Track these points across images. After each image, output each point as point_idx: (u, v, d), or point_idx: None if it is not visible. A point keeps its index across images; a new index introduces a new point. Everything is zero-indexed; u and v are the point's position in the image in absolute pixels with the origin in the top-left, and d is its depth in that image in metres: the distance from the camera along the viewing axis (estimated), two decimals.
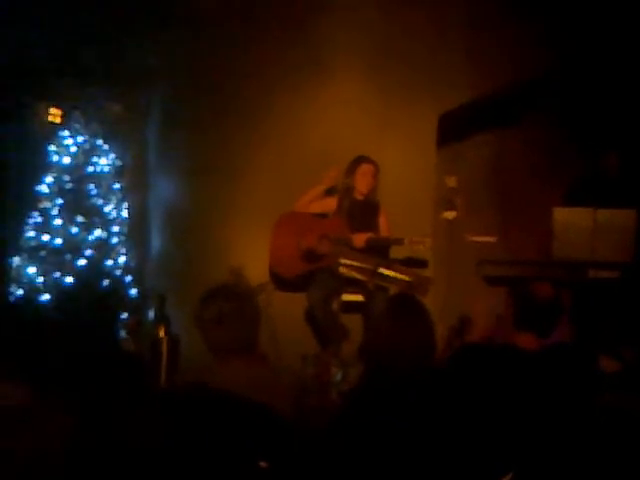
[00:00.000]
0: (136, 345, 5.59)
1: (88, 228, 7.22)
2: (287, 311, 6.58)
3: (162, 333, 5.54)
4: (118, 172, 7.63)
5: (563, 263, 5.64)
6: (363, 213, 6.42)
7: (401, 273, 5.74)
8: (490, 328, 5.50)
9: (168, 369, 5.30)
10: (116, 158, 7.63)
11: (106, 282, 6.89)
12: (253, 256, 6.75)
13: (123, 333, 6.08)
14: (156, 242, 7.54)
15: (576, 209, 5.88)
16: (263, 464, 2.83)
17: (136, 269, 7.44)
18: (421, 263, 6.35)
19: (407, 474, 3.01)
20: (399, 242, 6.14)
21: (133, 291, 7.20)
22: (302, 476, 2.96)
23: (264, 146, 7.02)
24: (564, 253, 5.67)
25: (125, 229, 7.49)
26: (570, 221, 5.75)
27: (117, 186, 7.51)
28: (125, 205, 7.53)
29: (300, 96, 7.05)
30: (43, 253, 7.11)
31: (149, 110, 7.79)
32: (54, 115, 7.77)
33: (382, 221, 6.44)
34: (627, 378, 4.25)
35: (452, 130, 7.10)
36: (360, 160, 6.41)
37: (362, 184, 6.38)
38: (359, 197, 6.43)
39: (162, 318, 5.80)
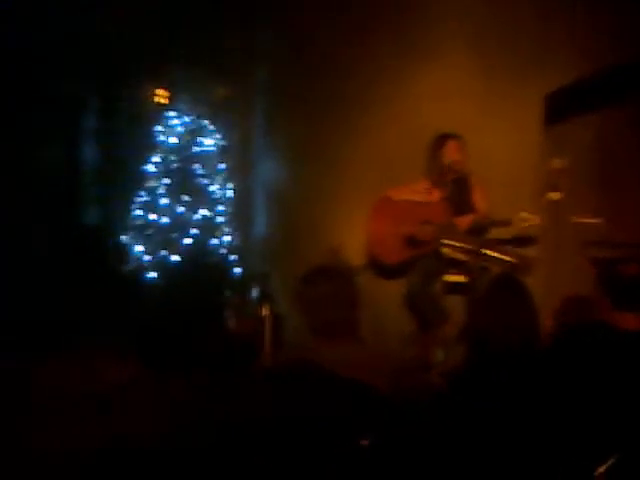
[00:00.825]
0: (240, 323, 5.65)
1: (194, 207, 7.34)
2: (388, 295, 6.60)
3: (266, 311, 5.58)
4: (223, 153, 7.73)
5: None
6: (459, 191, 6.34)
7: (504, 254, 5.68)
8: (593, 310, 5.42)
9: (272, 347, 5.35)
10: (221, 139, 7.72)
11: (211, 261, 7.00)
12: (353, 239, 6.77)
13: (228, 311, 6.16)
14: (260, 222, 7.64)
15: None
16: (364, 442, 2.84)
17: (240, 248, 7.53)
18: (528, 241, 6.27)
19: (508, 456, 3.00)
20: (507, 223, 6.08)
21: (237, 270, 7.30)
22: (403, 456, 2.97)
23: (367, 133, 7.03)
24: None
25: (230, 209, 7.59)
26: None
27: (222, 166, 7.61)
28: (230, 185, 7.63)
29: (402, 85, 7.03)
30: (150, 232, 7.26)
31: (255, 93, 7.87)
32: (161, 97, 7.90)
33: (478, 196, 6.37)
34: None
35: (557, 111, 6.98)
36: (446, 137, 6.35)
37: (454, 161, 6.31)
38: (452, 175, 6.35)
39: (266, 296, 5.86)
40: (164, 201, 7.29)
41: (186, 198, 7.33)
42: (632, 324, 3.63)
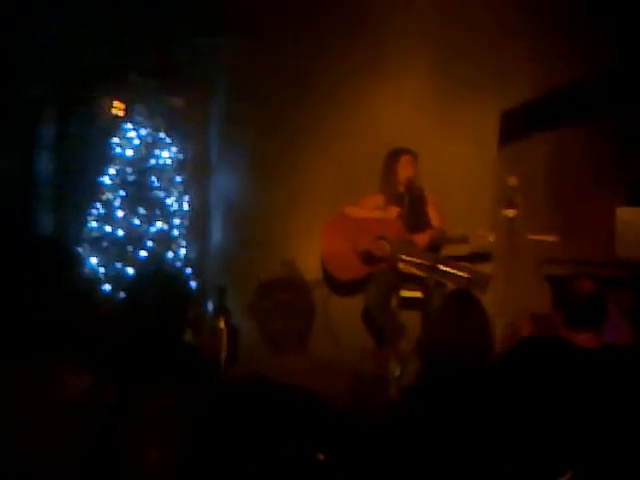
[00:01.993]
0: (196, 337, 5.62)
1: (150, 220, 7.29)
2: (344, 309, 6.61)
3: (222, 324, 5.56)
4: (180, 165, 7.69)
5: (626, 263, 5.57)
6: (413, 207, 6.34)
7: (460, 270, 5.70)
8: (548, 327, 5.45)
9: (227, 360, 5.33)
10: (178, 151, 7.68)
11: (167, 274, 6.95)
12: (309, 252, 6.77)
13: (184, 324, 6.10)
14: (216, 235, 7.60)
15: (638, 209, 5.80)
16: (321, 456, 2.82)
17: (196, 261, 7.50)
18: (484, 258, 6.31)
19: (464, 470, 3.00)
20: (462, 240, 6.11)
21: (193, 283, 7.25)
22: (359, 469, 2.96)
23: (326, 145, 7.04)
24: (627, 253, 5.60)
25: (186, 222, 7.55)
26: (633, 221, 5.67)
27: (179, 179, 7.57)
28: (186, 198, 7.59)
29: (362, 96, 7.06)
30: (105, 244, 7.20)
31: (211, 104, 7.84)
32: (117, 108, 7.85)
33: (433, 212, 6.40)
34: None
35: (513, 128, 7.04)
36: (400, 152, 6.37)
37: (408, 176, 6.33)
38: (405, 190, 6.35)
39: (222, 310, 5.83)
40: (120, 213, 7.23)
41: (142, 211, 7.27)
42: (586, 343, 3.65)
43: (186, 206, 7.58)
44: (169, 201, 7.44)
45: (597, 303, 3.74)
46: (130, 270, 7.02)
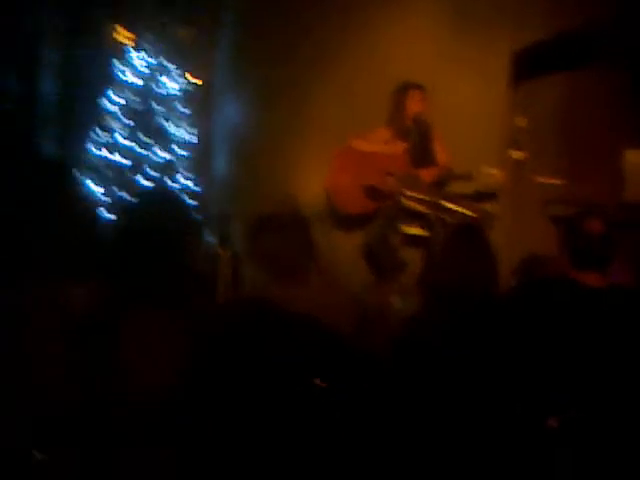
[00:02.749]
0: (200, 262, 5.60)
1: (153, 149, 7.25)
2: (346, 244, 6.58)
3: (225, 252, 5.54)
4: (186, 95, 7.63)
5: (634, 206, 5.52)
6: (421, 142, 6.24)
7: (466, 207, 5.67)
8: (554, 267, 5.43)
9: (231, 286, 5.32)
10: (184, 82, 7.62)
11: (171, 202, 6.93)
12: (314, 185, 6.72)
13: (187, 250, 6.09)
14: (221, 166, 7.54)
15: None
16: (319, 382, 2.81)
17: (200, 192, 7.47)
18: (489, 196, 6.26)
19: (464, 405, 3.00)
20: (468, 177, 6.06)
21: (197, 211, 7.23)
22: (359, 399, 2.95)
23: (334, 77, 6.95)
24: (635, 196, 5.55)
25: (191, 153, 7.51)
26: None
27: (184, 109, 7.52)
28: (191, 128, 7.54)
29: (372, 30, 6.95)
30: (109, 172, 7.16)
31: (218, 35, 7.75)
32: (126, 36, 7.77)
33: (440, 148, 6.33)
34: None
35: (525, 69, 6.96)
36: (408, 86, 6.30)
37: (417, 110, 6.25)
38: (413, 125, 6.26)
39: (225, 237, 5.81)
40: (124, 141, 7.18)
41: (147, 140, 7.23)
42: (594, 282, 3.62)
43: (191, 136, 7.53)
44: (174, 130, 7.39)
45: (606, 243, 3.70)
46: (132, 198, 6.98)
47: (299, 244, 3.34)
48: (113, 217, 6.90)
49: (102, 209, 6.99)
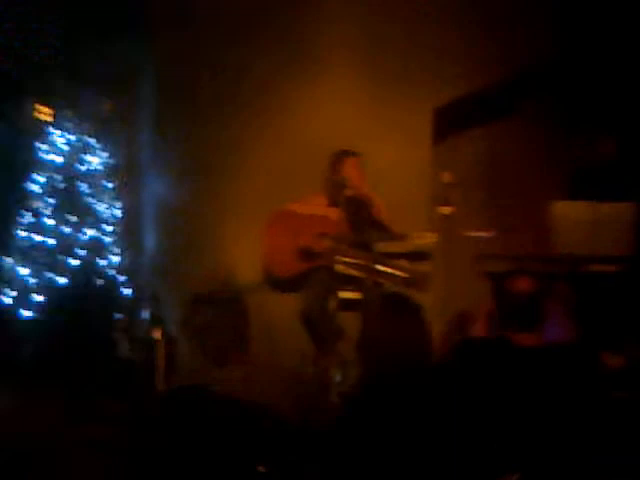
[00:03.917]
0: (130, 346, 5.52)
1: (81, 228, 7.15)
2: (283, 312, 6.54)
3: (158, 335, 5.45)
4: (111, 171, 7.55)
5: (563, 258, 5.56)
6: (355, 209, 6.31)
7: (398, 269, 5.68)
8: (488, 325, 5.45)
9: (165, 371, 5.22)
10: (108, 157, 7.55)
11: (99, 282, 6.83)
12: (248, 255, 6.69)
13: (117, 335, 6.01)
14: (150, 241, 7.46)
15: (575, 202, 5.79)
16: (261, 468, 2.77)
17: (130, 269, 7.36)
18: (423, 256, 6.29)
19: (408, 473, 2.96)
20: (402, 238, 6.08)
21: (127, 291, 7.13)
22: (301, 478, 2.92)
23: (258, 144, 6.97)
24: (564, 247, 5.59)
25: (118, 228, 7.42)
26: (569, 215, 5.67)
27: (110, 185, 7.43)
28: (118, 204, 7.45)
29: (293, 93, 6.99)
30: (36, 253, 7.03)
31: (140, 108, 7.71)
32: (44, 113, 7.68)
33: (379, 211, 6.35)
34: (631, 374, 4.19)
35: (447, 124, 7.04)
36: (344, 154, 6.32)
37: (353, 178, 6.26)
38: (350, 192, 6.29)
39: (157, 319, 5.73)
40: (50, 222, 7.07)
41: (73, 218, 7.12)
42: (524, 342, 3.63)
43: (118, 212, 7.44)
44: (100, 208, 7.29)
45: (532, 303, 3.71)
46: (61, 280, 6.86)
47: (233, 322, 3.32)
48: (42, 299, 6.77)
49: (31, 292, 6.85)
